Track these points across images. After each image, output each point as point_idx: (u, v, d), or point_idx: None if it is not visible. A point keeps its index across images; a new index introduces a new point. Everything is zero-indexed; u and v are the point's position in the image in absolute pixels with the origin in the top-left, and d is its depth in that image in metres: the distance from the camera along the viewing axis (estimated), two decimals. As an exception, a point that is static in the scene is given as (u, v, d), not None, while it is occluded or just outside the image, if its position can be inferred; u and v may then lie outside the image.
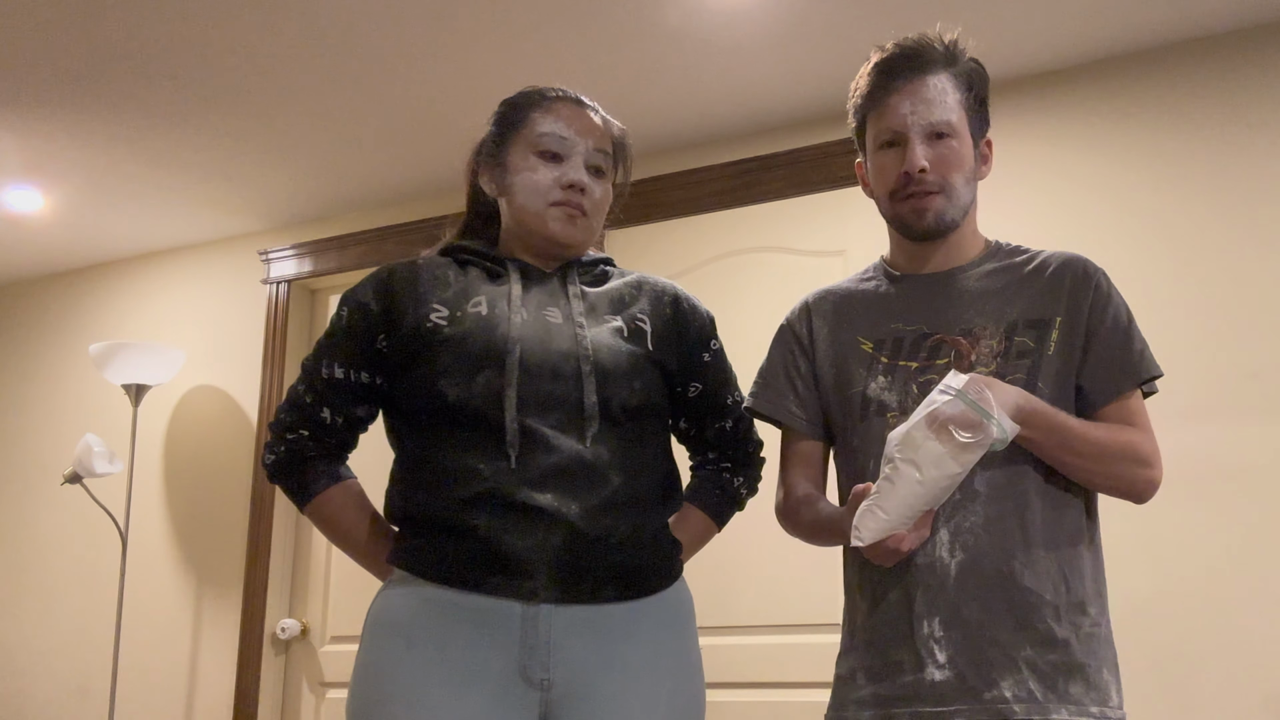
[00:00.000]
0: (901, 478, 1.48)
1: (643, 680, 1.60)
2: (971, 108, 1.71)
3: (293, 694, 3.98)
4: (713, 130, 3.48)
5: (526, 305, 1.68)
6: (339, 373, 1.70)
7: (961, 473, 1.49)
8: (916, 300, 1.72)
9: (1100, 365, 1.65)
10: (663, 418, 1.76)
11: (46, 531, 4.46)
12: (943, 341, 1.67)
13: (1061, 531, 1.61)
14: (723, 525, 1.86)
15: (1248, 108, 2.88)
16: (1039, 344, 1.64)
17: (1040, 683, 1.54)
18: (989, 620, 1.56)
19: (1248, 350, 2.78)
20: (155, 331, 4.39)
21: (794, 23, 2.91)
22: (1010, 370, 1.63)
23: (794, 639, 3.18)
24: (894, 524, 1.50)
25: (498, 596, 1.56)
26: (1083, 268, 1.70)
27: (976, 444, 1.47)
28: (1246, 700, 2.62)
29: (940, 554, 1.59)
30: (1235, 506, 2.72)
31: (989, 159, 1.76)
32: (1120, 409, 1.65)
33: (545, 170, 1.71)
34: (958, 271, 1.72)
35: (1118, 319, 1.67)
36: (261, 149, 3.63)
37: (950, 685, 1.56)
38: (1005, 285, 1.69)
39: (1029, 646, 1.55)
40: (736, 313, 3.33)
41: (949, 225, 1.70)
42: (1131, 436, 1.63)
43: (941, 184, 1.67)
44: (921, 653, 1.58)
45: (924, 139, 1.66)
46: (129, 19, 2.91)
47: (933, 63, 1.68)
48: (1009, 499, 1.59)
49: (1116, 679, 1.62)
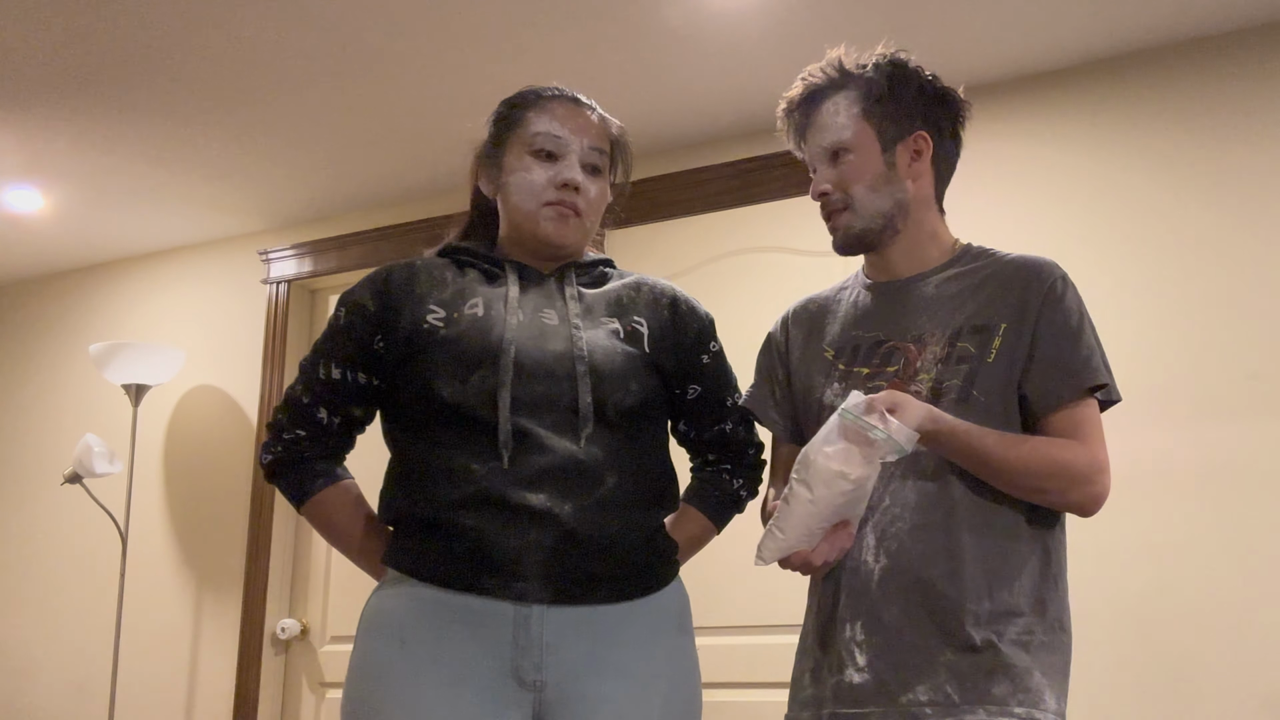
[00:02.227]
0: (796, 498, 1.49)
1: (636, 681, 1.60)
2: (876, 113, 1.70)
3: (293, 694, 3.98)
4: (713, 130, 3.48)
5: (523, 307, 1.68)
6: (336, 373, 1.70)
7: (855, 489, 1.47)
8: (879, 307, 1.74)
9: (1041, 373, 1.61)
10: (660, 419, 1.76)
11: (46, 531, 4.46)
12: (895, 348, 1.68)
13: (992, 540, 1.58)
14: (722, 527, 1.86)
15: (1248, 108, 2.88)
16: (980, 350, 1.61)
17: (959, 685, 1.53)
18: (909, 625, 1.56)
19: (1248, 350, 2.78)
20: (155, 331, 4.39)
21: (794, 23, 2.91)
22: (948, 377, 1.61)
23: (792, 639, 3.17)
24: (791, 543, 1.51)
25: (490, 597, 1.56)
26: (1037, 271, 1.66)
27: (866, 461, 1.46)
28: (1246, 700, 2.62)
29: (865, 558, 1.61)
30: (1235, 506, 2.72)
31: (923, 152, 1.72)
32: (1064, 419, 1.60)
33: (540, 170, 1.71)
34: (917, 279, 1.73)
35: (1065, 324, 1.62)
36: (261, 149, 3.63)
37: (867, 688, 1.57)
38: (960, 291, 1.68)
39: (949, 651, 1.54)
40: (736, 313, 3.33)
41: (863, 236, 1.72)
42: (1062, 453, 1.58)
43: (845, 200, 1.71)
44: (843, 655, 1.61)
45: (825, 163, 1.72)
46: (130, 19, 2.91)
47: (823, 91, 1.73)
48: (938, 507, 1.59)
49: (1056, 686, 1.57)
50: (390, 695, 1.55)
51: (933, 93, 1.74)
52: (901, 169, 1.71)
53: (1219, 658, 2.67)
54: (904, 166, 1.71)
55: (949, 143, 1.76)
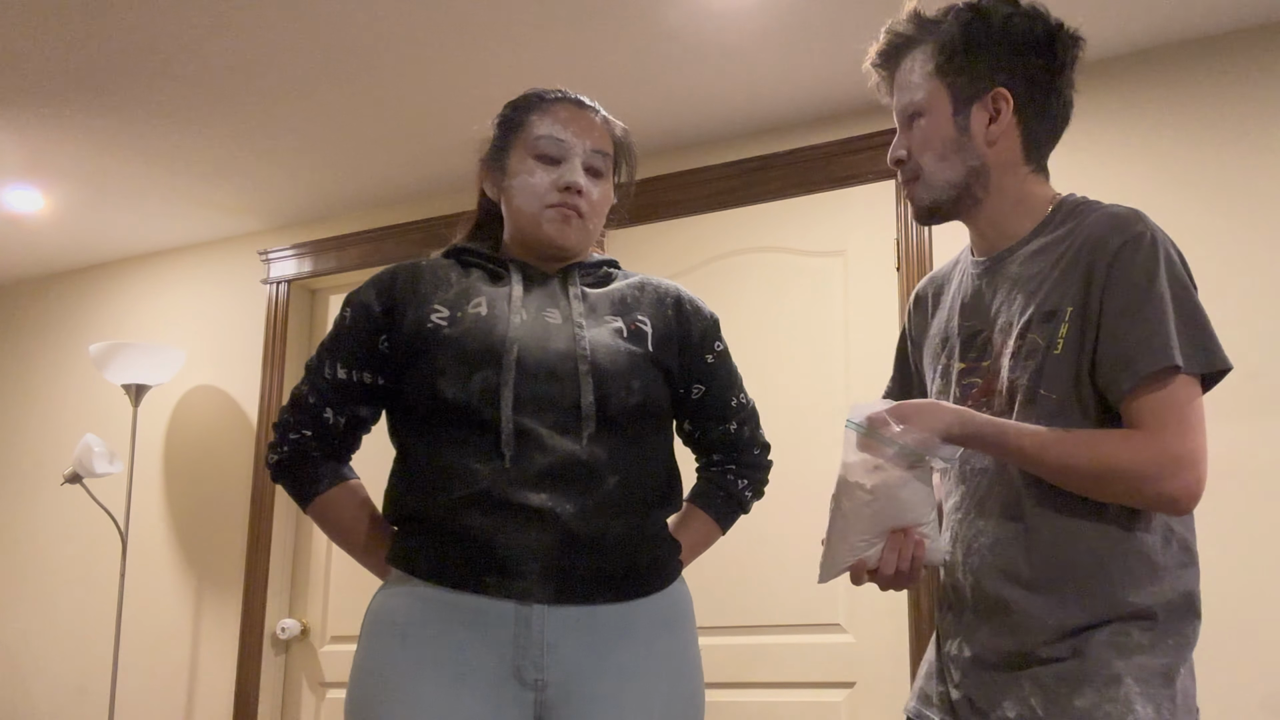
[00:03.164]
0: (832, 513, 1.51)
1: (638, 681, 1.60)
2: (949, 70, 1.55)
3: (293, 694, 3.98)
4: (713, 130, 3.48)
5: (527, 306, 1.69)
6: (342, 373, 1.70)
7: (874, 499, 1.46)
8: (977, 290, 1.60)
9: (1105, 362, 1.43)
10: (663, 419, 1.76)
11: (46, 531, 4.46)
12: (988, 340, 1.56)
13: (1073, 549, 1.46)
14: (726, 528, 1.86)
15: (1248, 108, 2.88)
16: (1048, 342, 1.46)
17: (1044, 698, 1.43)
18: (994, 642, 1.51)
19: (1248, 350, 2.78)
20: (155, 331, 4.39)
21: (794, 23, 2.91)
22: (1018, 374, 1.48)
23: (793, 639, 3.18)
24: (838, 557, 1.51)
25: (492, 596, 1.56)
26: (1105, 235, 1.45)
27: (878, 469, 1.46)
28: (1246, 700, 2.62)
29: (958, 575, 1.57)
30: (1235, 506, 2.72)
31: (1000, 113, 1.54)
32: (1132, 411, 1.41)
33: (542, 173, 1.71)
34: (1007, 254, 1.57)
35: (1127, 297, 1.42)
36: (261, 149, 3.64)
37: (963, 705, 1.53)
38: (1039, 270, 1.51)
39: (1035, 664, 1.46)
40: (737, 313, 3.34)
41: (934, 208, 1.59)
42: (1116, 449, 1.40)
43: (916, 169, 1.59)
44: (947, 669, 1.57)
45: (903, 126, 1.60)
46: (129, 19, 2.91)
47: (904, 45, 1.60)
48: (1016, 519, 1.49)
49: (1155, 692, 1.41)
50: (393, 694, 1.55)
51: (1021, 40, 1.54)
52: (977, 133, 1.55)
53: (1219, 657, 2.66)
54: (979, 130, 1.55)
55: (1043, 95, 1.56)
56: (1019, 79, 1.55)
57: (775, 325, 3.34)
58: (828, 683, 3.10)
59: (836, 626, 3.13)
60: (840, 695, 3.07)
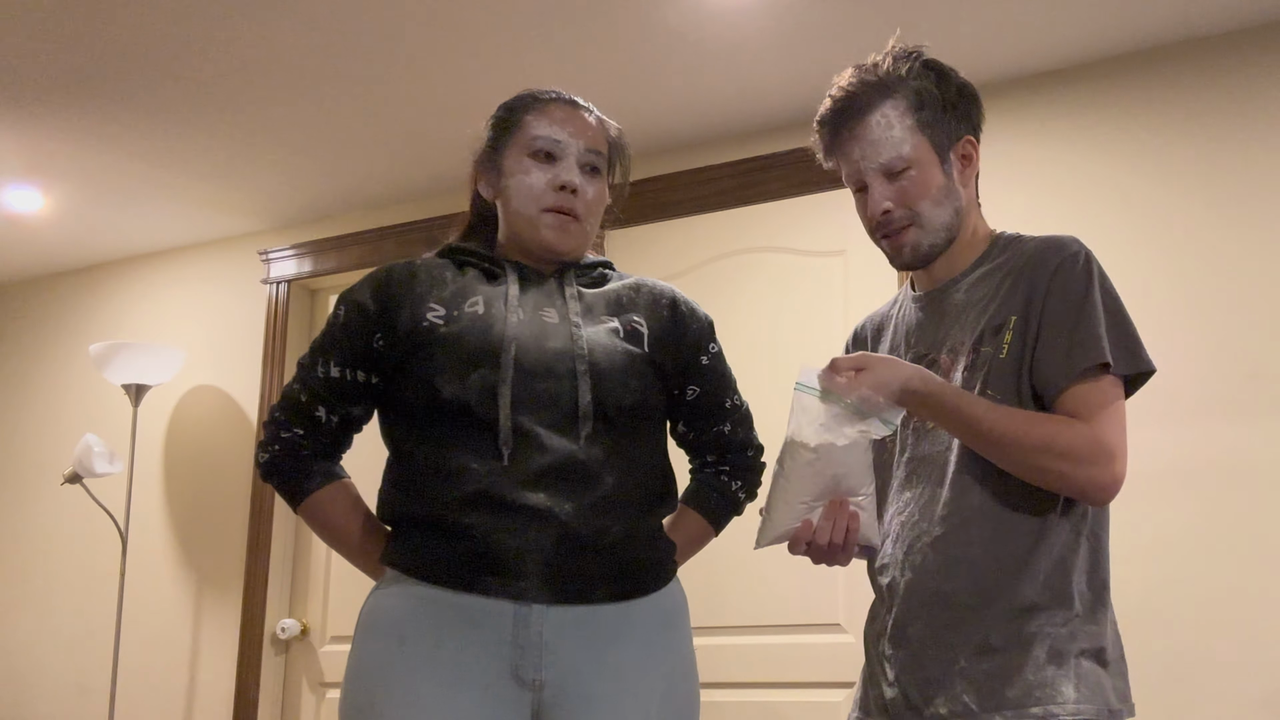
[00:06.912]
0: (774, 477, 1.54)
1: (635, 681, 1.60)
2: (929, 123, 1.65)
3: (293, 694, 3.98)
4: (713, 130, 3.48)
5: (523, 305, 1.69)
6: (335, 372, 1.70)
7: (817, 458, 1.49)
8: (922, 320, 1.71)
9: (1041, 360, 1.54)
10: (659, 419, 1.76)
11: (46, 531, 4.46)
12: (935, 362, 1.64)
13: (1010, 541, 1.54)
14: (720, 529, 1.86)
15: (1247, 108, 2.88)
16: (995, 350, 1.57)
17: (976, 693, 1.50)
18: (930, 639, 1.56)
19: (1248, 350, 2.78)
20: (155, 331, 4.39)
21: (794, 23, 2.91)
22: (971, 385, 1.57)
23: (789, 639, 3.18)
24: (778, 523, 1.54)
25: (489, 596, 1.56)
26: (1044, 254, 1.60)
27: (825, 429, 1.49)
28: (1246, 699, 2.62)
29: (894, 574, 1.62)
30: (1235, 506, 2.72)
31: (972, 157, 1.69)
32: (1066, 403, 1.52)
33: (538, 173, 1.71)
34: (951, 285, 1.69)
35: (1066, 302, 1.55)
36: (261, 149, 3.63)
37: (898, 703, 1.58)
38: (985, 294, 1.63)
39: (963, 659, 1.52)
40: (736, 313, 3.34)
41: (931, 252, 1.67)
42: (1060, 430, 1.50)
43: (910, 216, 1.65)
44: (878, 668, 1.63)
45: (881, 179, 1.65)
46: (130, 19, 2.91)
47: (870, 100, 1.65)
48: (957, 515, 1.56)
49: (1080, 677, 1.50)
50: (389, 695, 1.55)
51: (971, 94, 1.70)
52: (956, 177, 1.67)
53: (1219, 656, 2.67)
54: (958, 174, 1.67)
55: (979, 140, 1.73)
56: (973, 127, 1.71)
57: (775, 325, 3.34)
58: (828, 683, 3.10)
59: (836, 626, 3.13)
60: (840, 695, 3.06)
